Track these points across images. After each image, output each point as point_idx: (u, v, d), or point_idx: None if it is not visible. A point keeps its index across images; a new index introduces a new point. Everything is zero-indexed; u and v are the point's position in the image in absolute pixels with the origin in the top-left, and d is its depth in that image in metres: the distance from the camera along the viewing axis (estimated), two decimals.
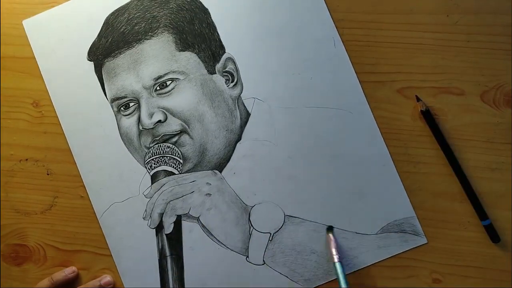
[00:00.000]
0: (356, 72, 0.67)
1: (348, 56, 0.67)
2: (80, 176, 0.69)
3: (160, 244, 0.67)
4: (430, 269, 0.65)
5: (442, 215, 0.65)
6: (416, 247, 0.65)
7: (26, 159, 0.71)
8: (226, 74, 0.69)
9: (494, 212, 0.65)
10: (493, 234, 0.64)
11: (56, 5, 0.70)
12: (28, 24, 0.71)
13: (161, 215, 0.67)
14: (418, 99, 0.65)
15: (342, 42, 0.67)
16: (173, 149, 0.68)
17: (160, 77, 0.68)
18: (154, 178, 0.68)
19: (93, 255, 0.69)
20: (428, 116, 0.65)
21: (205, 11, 0.69)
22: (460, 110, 0.66)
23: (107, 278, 0.68)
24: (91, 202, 0.69)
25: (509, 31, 0.65)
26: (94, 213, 0.69)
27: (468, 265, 0.65)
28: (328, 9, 0.68)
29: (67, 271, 0.68)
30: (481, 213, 0.64)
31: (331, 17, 0.68)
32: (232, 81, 0.69)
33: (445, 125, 0.65)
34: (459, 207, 0.65)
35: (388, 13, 0.67)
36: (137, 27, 0.69)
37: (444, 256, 0.65)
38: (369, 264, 0.66)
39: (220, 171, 0.68)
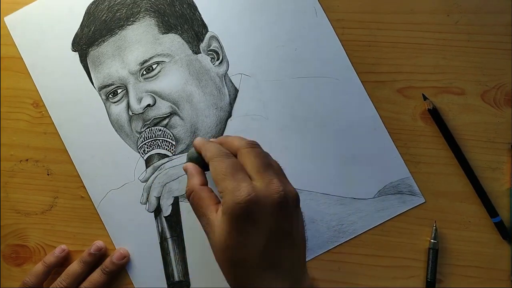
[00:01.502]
0: (341, 44, 0.67)
1: (331, 24, 0.68)
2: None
3: (159, 227, 0.67)
4: None
5: (443, 215, 0.65)
6: (417, 249, 0.65)
7: (26, 160, 0.71)
8: (211, 52, 0.69)
9: None
10: (503, 231, 0.64)
11: None
12: (10, 20, 0.71)
13: (158, 198, 0.67)
14: (425, 98, 0.65)
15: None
16: (164, 131, 0.68)
17: (145, 61, 0.68)
18: (148, 162, 0.68)
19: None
20: (435, 114, 0.65)
21: None
22: (461, 109, 0.66)
23: (96, 244, 0.68)
24: (87, 192, 0.69)
25: (510, 30, 0.65)
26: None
27: (469, 264, 0.65)
28: None
29: (57, 251, 0.68)
30: (491, 210, 0.64)
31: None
32: (217, 59, 0.69)
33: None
34: (460, 206, 0.65)
35: (388, 13, 0.67)
36: (118, 13, 0.69)
37: (445, 255, 0.65)
38: (369, 228, 0.66)
39: None
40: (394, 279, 0.66)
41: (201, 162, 0.59)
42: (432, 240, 0.64)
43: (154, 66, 0.68)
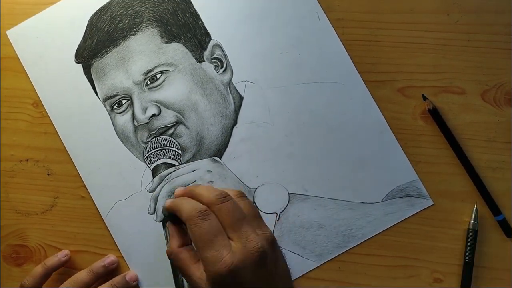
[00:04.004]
0: (345, 48, 0.67)
1: (334, 29, 0.68)
2: (80, 176, 0.69)
3: (168, 237, 0.67)
4: (431, 269, 0.65)
5: (443, 214, 0.65)
6: (418, 249, 0.65)
7: (27, 160, 0.71)
8: (214, 60, 0.69)
9: None
10: (507, 229, 0.64)
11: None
12: (12, 34, 0.71)
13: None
14: (424, 98, 0.65)
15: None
16: (170, 141, 0.68)
17: (149, 71, 0.68)
18: (154, 172, 0.68)
19: (94, 256, 0.69)
20: (435, 114, 0.65)
21: (187, 1, 0.69)
22: (461, 109, 0.66)
23: (110, 258, 0.68)
24: (94, 203, 0.69)
25: (510, 30, 0.65)
26: (95, 213, 0.69)
27: None
28: None
29: (60, 255, 0.68)
30: (494, 208, 0.64)
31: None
32: (221, 67, 0.69)
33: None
34: (460, 206, 0.65)
35: (388, 12, 0.67)
36: (120, 24, 0.69)
37: (445, 255, 0.65)
38: (378, 233, 0.66)
39: (220, 158, 0.68)
40: (394, 278, 0.65)
41: (177, 218, 0.60)
42: (472, 221, 0.64)
43: (158, 76, 0.68)
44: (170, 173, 0.68)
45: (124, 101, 0.69)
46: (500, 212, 0.64)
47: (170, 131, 0.68)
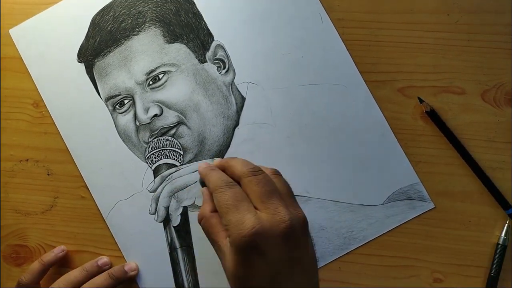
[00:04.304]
0: (347, 50, 0.67)
1: (336, 30, 0.68)
2: (81, 176, 0.69)
3: (169, 237, 0.67)
4: (431, 269, 0.65)
5: (444, 214, 0.65)
6: (418, 249, 0.65)
7: (27, 160, 0.71)
8: (217, 61, 0.69)
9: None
10: None
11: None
12: (15, 32, 0.71)
13: (167, 208, 0.67)
14: (421, 101, 0.65)
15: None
16: (172, 141, 0.68)
17: (151, 71, 0.68)
18: (156, 172, 0.68)
19: (94, 256, 0.69)
20: (434, 116, 0.65)
21: (190, 1, 0.69)
22: (461, 109, 0.66)
23: (103, 259, 0.68)
24: (95, 203, 0.69)
25: (510, 30, 0.65)
26: (95, 213, 0.69)
27: (469, 264, 0.65)
28: None
29: (57, 251, 0.69)
30: (503, 202, 0.64)
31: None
32: (223, 68, 0.69)
33: (445, 124, 0.65)
34: (460, 206, 0.65)
35: (388, 12, 0.67)
36: (123, 24, 0.69)
37: (446, 255, 0.65)
38: (379, 235, 0.66)
39: (222, 158, 0.68)
40: (394, 278, 0.66)
41: None
42: (503, 236, 0.64)
43: (160, 76, 0.68)
44: (172, 173, 0.68)
45: (126, 101, 0.69)
46: (510, 206, 0.64)
47: (172, 132, 0.68)
